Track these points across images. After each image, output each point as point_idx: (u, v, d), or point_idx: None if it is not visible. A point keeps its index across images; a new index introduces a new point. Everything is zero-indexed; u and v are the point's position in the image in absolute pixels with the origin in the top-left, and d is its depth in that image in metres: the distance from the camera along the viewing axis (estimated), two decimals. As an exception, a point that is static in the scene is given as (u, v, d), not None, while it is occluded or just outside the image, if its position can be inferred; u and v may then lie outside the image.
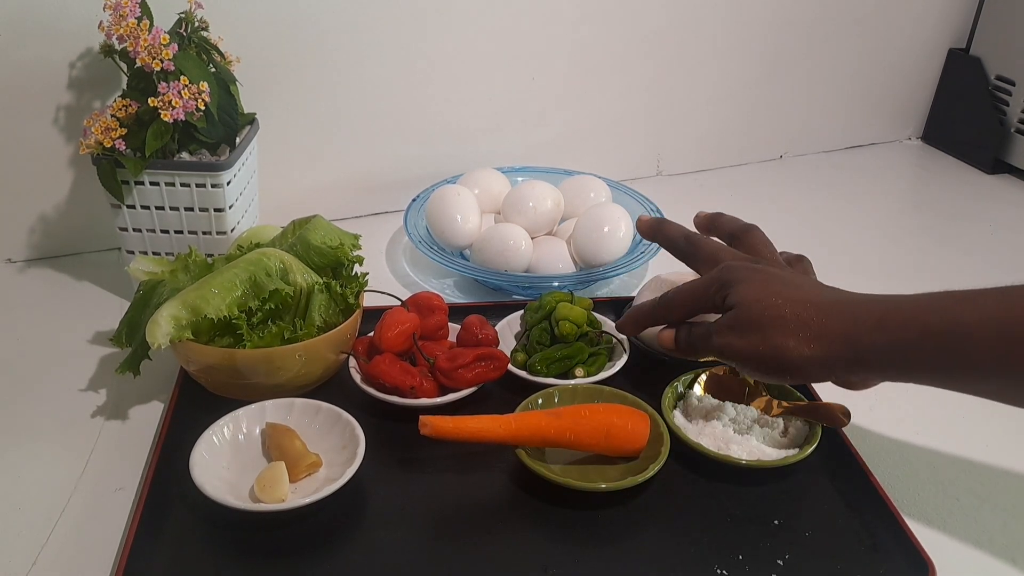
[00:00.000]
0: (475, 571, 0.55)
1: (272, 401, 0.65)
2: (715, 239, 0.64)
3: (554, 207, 0.91)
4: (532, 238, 0.88)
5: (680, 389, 0.69)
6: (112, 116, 0.75)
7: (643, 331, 0.64)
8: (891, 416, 0.72)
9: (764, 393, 0.69)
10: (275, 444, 0.62)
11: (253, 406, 0.64)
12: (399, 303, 0.74)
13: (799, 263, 0.64)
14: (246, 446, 0.63)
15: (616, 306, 0.80)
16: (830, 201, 1.16)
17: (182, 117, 0.74)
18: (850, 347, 0.51)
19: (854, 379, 0.56)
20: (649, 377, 0.71)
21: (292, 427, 0.63)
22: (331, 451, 0.62)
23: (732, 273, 0.56)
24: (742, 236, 0.64)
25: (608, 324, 0.76)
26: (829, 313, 0.52)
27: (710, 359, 0.73)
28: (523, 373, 0.71)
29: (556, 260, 0.88)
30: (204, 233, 0.81)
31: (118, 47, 0.77)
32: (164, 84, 0.73)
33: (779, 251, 0.66)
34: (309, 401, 0.65)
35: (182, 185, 0.78)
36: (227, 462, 0.61)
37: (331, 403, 0.65)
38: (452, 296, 0.89)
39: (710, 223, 0.67)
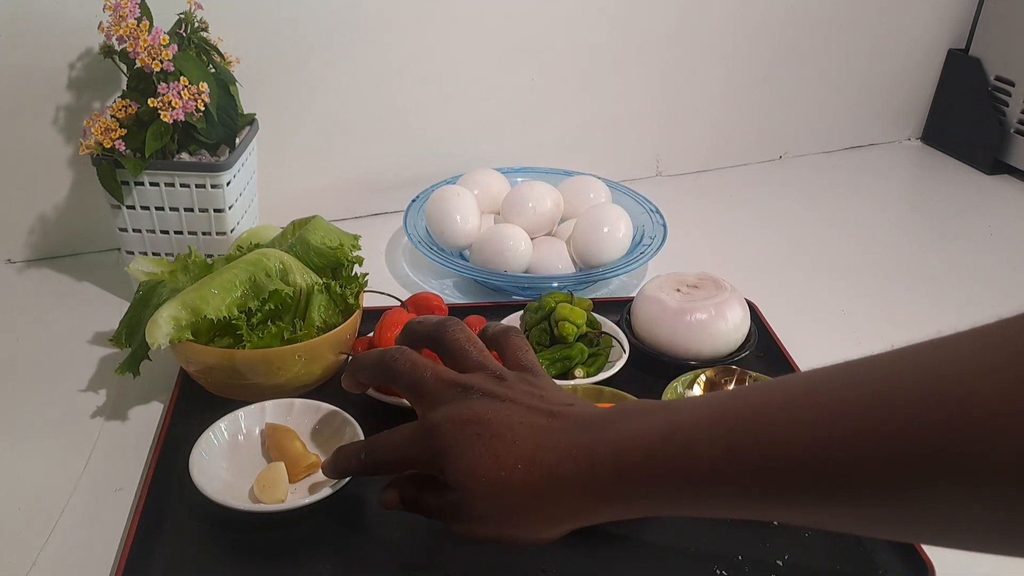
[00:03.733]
0: (473, 571, 0.55)
1: (272, 401, 0.65)
2: (412, 352, 0.52)
3: (554, 207, 0.91)
4: (532, 239, 0.88)
5: (680, 389, 0.69)
6: (112, 117, 0.75)
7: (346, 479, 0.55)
8: (891, 416, 0.72)
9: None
10: (275, 444, 0.62)
11: (253, 406, 0.64)
12: (399, 303, 0.74)
13: (506, 338, 0.53)
14: (246, 446, 0.63)
15: (616, 306, 0.80)
16: (830, 201, 1.16)
17: (182, 118, 0.74)
18: (590, 519, 0.43)
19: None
20: (649, 377, 0.71)
21: (292, 427, 0.63)
22: (331, 452, 0.62)
23: (440, 438, 0.46)
24: (500, 340, 0.54)
25: (608, 325, 0.76)
26: (560, 487, 0.42)
27: (702, 361, 0.73)
28: (523, 373, 0.71)
29: (555, 261, 0.88)
30: (204, 234, 0.81)
31: (118, 48, 0.77)
32: (164, 85, 0.73)
33: (495, 323, 0.58)
34: (309, 401, 0.65)
35: (182, 186, 0.78)
36: (226, 462, 0.61)
37: (331, 403, 0.65)
38: (452, 296, 0.89)
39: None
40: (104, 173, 0.76)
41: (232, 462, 0.61)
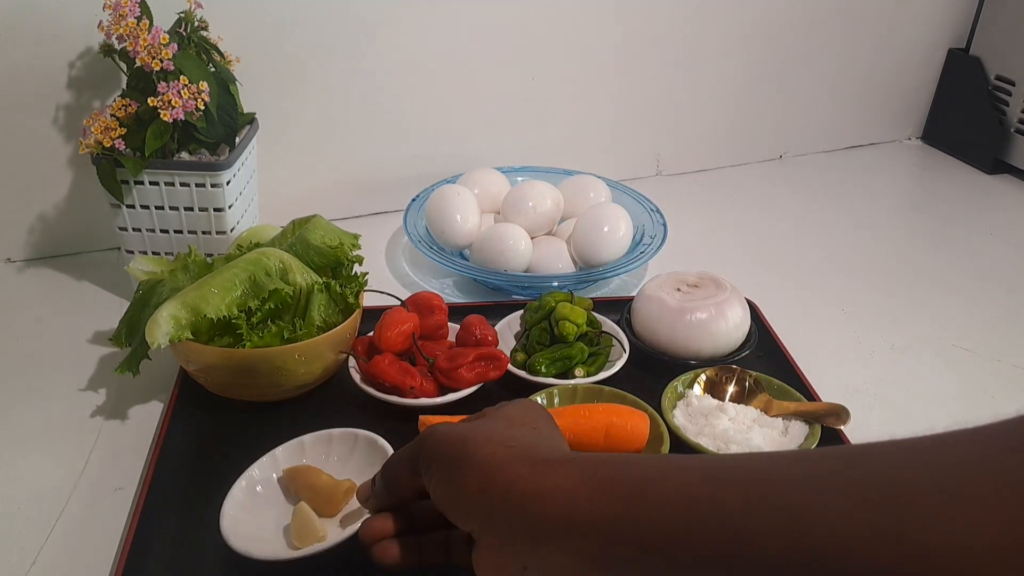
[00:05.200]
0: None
1: (281, 447, 0.61)
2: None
3: (554, 207, 0.91)
4: (532, 238, 0.88)
5: (680, 389, 0.69)
6: (112, 116, 0.75)
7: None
8: (890, 416, 0.72)
9: (764, 393, 0.69)
10: (303, 486, 0.58)
11: (264, 458, 0.60)
12: (399, 303, 0.74)
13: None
14: (268, 497, 0.59)
15: (616, 306, 0.80)
16: (830, 201, 1.16)
17: (182, 117, 0.74)
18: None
19: None
20: (649, 377, 0.71)
21: (311, 464, 0.60)
22: (360, 473, 0.59)
23: (430, 444, 0.43)
24: None
25: (608, 324, 0.76)
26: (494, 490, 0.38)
27: (706, 360, 0.73)
28: (523, 373, 0.71)
29: (556, 260, 0.88)
30: (204, 233, 0.81)
31: (118, 47, 0.77)
32: (164, 84, 0.73)
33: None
34: (319, 434, 0.62)
35: (182, 185, 0.78)
36: (256, 519, 0.56)
37: (331, 402, 0.64)
38: (452, 296, 0.89)
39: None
40: (104, 172, 0.76)
41: (260, 516, 0.57)
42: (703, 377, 0.70)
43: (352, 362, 0.70)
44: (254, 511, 0.57)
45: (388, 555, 0.46)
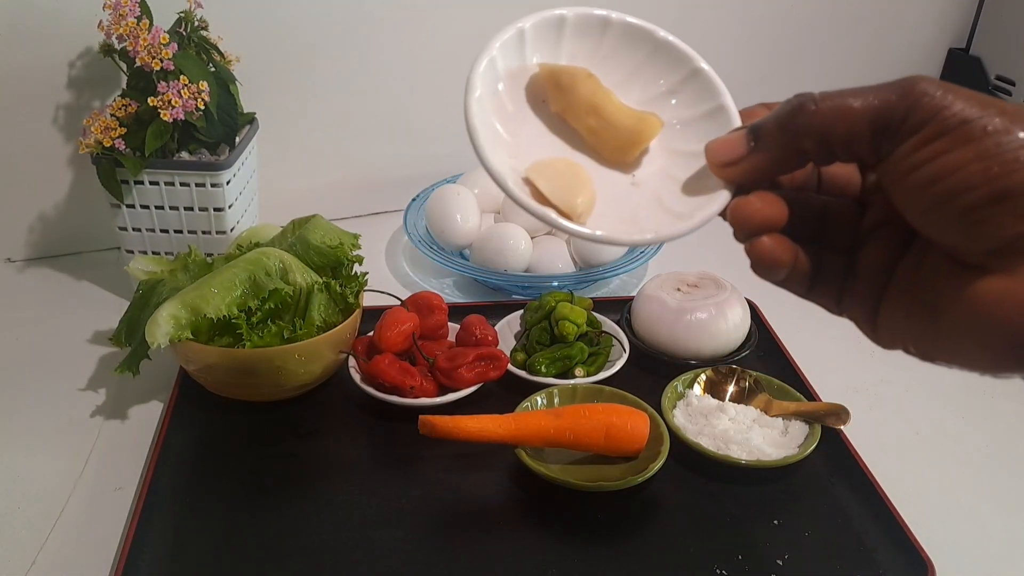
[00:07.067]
0: (474, 571, 0.55)
1: (533, 20, 0.39)
2: None
3: (554, 207, 0.91)
4: (532, 238, 0.88)
5: (680, 389, 0.69)
6: (112, 115, 0.75)
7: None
8: (891, 416, 0.72)
9: (764, 393, 0.69)
10: (579, 108, 0.38)
11: (508, 36, 0.38)
12: (399, 303, 0.74)
13: None
14: (510, 109, 0.38)
15: (616, 306, 0.80)
16: (830, 201, 1.16)
17: (181, 116, 0.74)
18: None
19: None
20: (649, 377, 0.71)
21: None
22: (649, 97, 0.39)
23: (946, 96, 0.30)
24: None
25: (608, 324, 0.76)
26: None
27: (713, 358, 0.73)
28: (523, 373, 0.71)
29: (556, 260, 0.88)
30: (204, 232, 0.81)
31: (118, 46, 0.77)
32: (164, 83, 0.73)
33: None
34: (584, 13, 0.40)
35: (181, 184, 0.78)
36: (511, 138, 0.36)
37: (331, 402, 0.64)
38: (452, 296, 0.89)
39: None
40: (104, 172, 0.76)
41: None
42: (703, 377, 0.70)
43: (352, 362, 0.70)
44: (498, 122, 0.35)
45: (782, 258, 0.32)
